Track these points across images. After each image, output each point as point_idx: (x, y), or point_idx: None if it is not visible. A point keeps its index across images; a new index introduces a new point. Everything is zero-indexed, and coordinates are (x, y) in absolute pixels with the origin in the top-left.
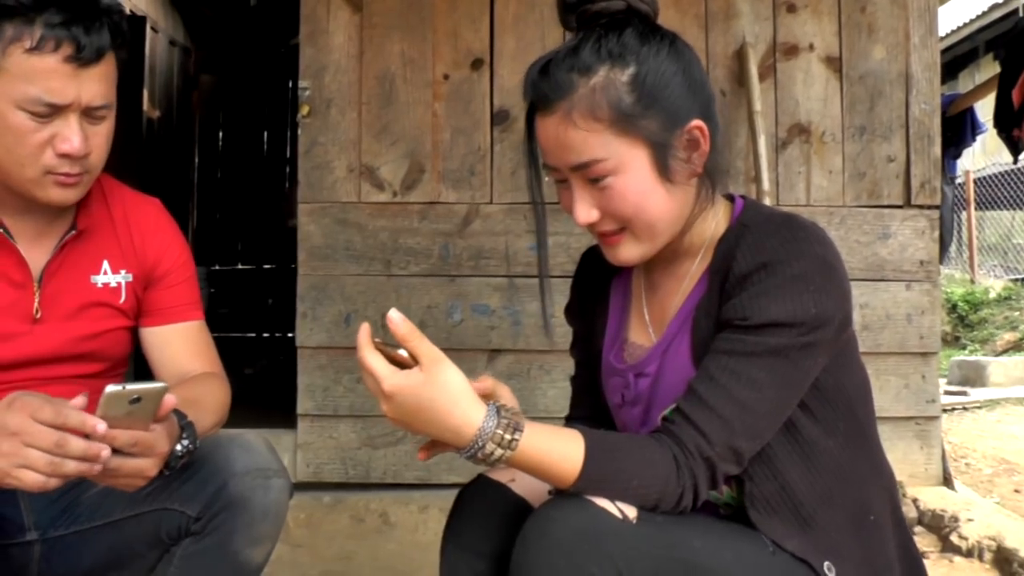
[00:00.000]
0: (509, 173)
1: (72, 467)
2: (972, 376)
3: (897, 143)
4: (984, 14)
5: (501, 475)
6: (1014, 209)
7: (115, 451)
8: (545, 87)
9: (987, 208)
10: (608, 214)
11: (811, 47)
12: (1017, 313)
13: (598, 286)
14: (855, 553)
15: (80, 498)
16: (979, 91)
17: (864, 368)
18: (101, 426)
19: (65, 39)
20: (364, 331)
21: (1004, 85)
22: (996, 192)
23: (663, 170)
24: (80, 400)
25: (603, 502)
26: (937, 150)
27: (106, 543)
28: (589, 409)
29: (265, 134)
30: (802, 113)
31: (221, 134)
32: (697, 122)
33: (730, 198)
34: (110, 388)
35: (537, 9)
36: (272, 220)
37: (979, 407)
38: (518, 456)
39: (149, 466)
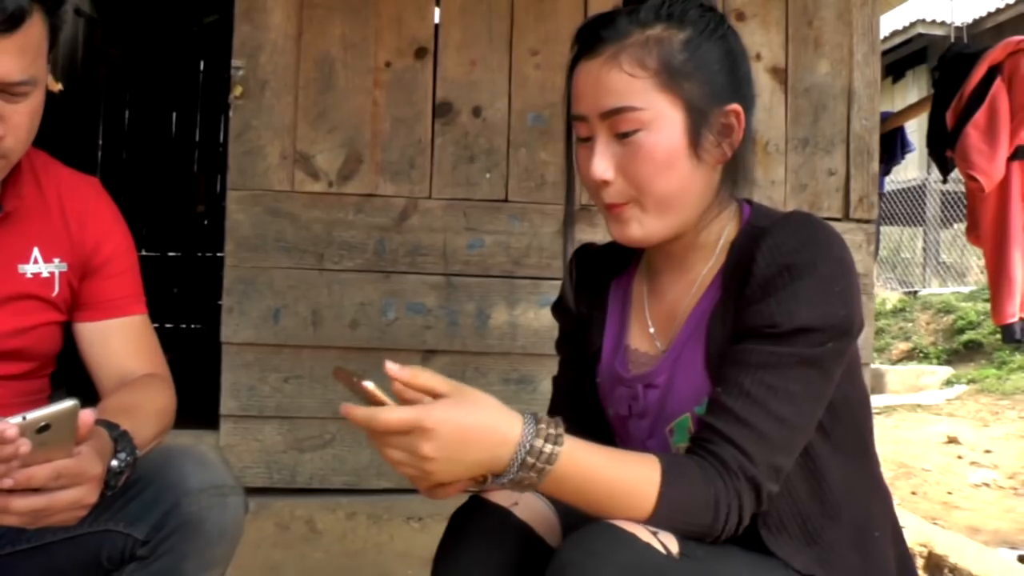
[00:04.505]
0: (450, 168)
1: None
2: (872, 384)
3: (838, 157)
4: (885, 39)
5: (502, 499)
6: (903, 225)
7: (39, 489)
8: (598, 27)
9: (882, 223)
10: (626, 175)
11: (758, 56)
12: (911, 324)
13: (595, 286)
14: (859, 570)
15: None
16: (910, 111)
17: (864, 382)
18: (12, 430)
19: None
20: (346, 409)
21: (938, 106)
22: (891, 208)
23: (695, 139)
24: None
25: (645, 535)
26: (875, 166)
27: (34, 571)
28: (574, 413)
29: (174, 115)
30: None
31: (127, 113)
32: (737, 106)
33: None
34: (8, 422)
35: (484, 0)
36: (180, 206)
37: (878, 413)
38: (569, 471)
39: (85, 494)
